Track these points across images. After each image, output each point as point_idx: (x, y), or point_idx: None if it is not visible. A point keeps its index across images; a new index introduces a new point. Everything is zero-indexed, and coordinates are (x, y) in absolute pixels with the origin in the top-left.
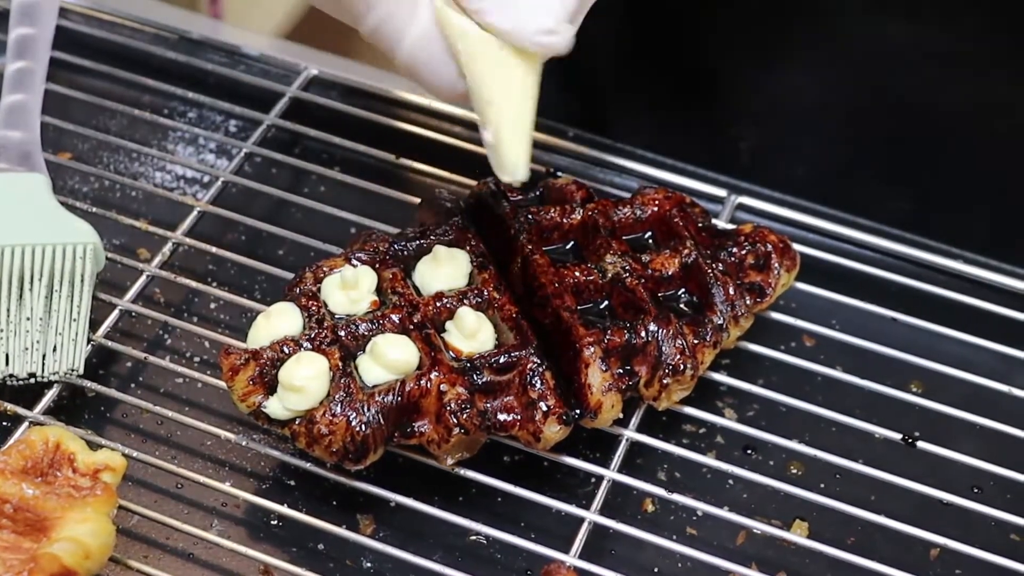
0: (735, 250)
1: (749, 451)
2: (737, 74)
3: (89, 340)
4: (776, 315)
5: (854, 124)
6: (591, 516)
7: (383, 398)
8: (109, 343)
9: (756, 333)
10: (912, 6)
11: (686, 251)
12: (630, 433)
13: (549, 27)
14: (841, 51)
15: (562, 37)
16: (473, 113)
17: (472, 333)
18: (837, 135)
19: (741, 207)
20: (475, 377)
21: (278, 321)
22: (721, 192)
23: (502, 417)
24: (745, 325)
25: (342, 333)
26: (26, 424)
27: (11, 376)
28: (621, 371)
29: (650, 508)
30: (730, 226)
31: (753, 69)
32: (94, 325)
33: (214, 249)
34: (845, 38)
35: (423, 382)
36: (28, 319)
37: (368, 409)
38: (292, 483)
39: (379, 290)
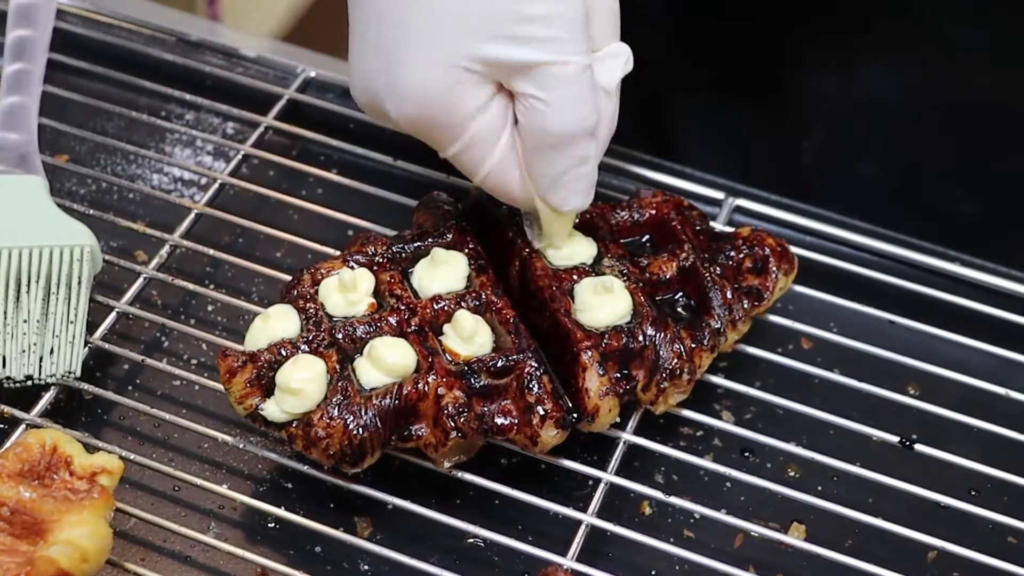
0: (733, 254)
1: (747, 454)
2: (800, 74)
3: (86, 342)
4: (774, 318)
5: (925, 126)
6: (588, 519)
7: (380, 401)
8: (106, 345)
9: (754, 336)
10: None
11: (684, 255)
12: (627, 436)
13: (583, 206)
14: (913, 52)
15: (588, 205)
16: None
17: (470, 336)
18: (907, 136)
19: (739, 209)
20: (473, 380)
21: (276, 323)
22: (719, 195)
23: (499, 421)
24: (743, 329)
25: (340, 336)
26: (23, 427)
27: (8, 379)
28: (618, 375)
29: (647, 511)
30: (728, 229)
31: (819, 69)
32: (91, 327)
33: (211, 251)
34: (919, 39)
35: (421, 385)
36: (25, 321)
37: (365, 412)
38: (289, 486)
39: (377, 292)
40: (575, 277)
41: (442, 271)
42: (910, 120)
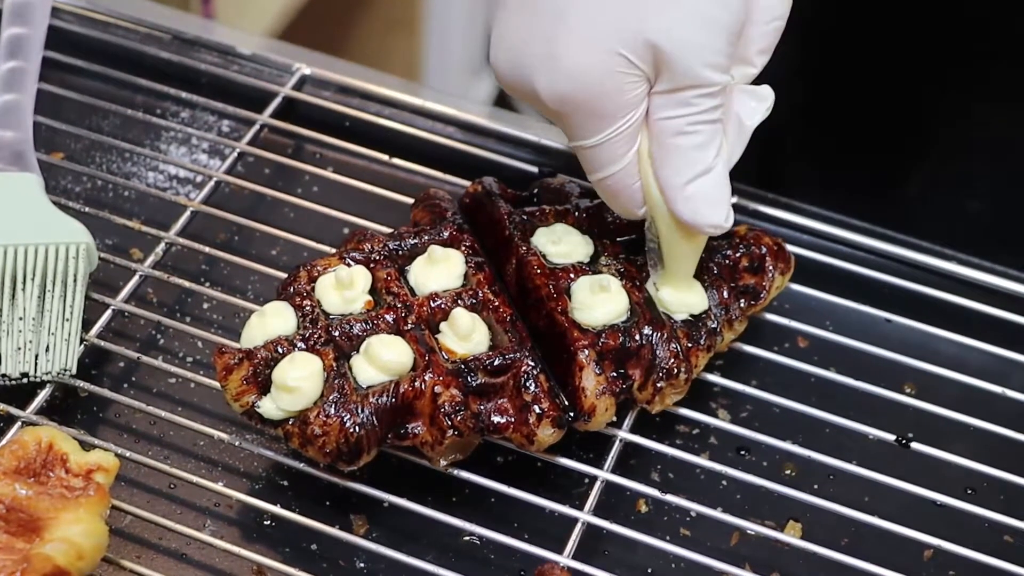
0: (729, 252)
1: (743, 452)
2: (914, 103)
3: (82, 340)
4: (770, 316)
5: None
6: (585, 517)
7: (377, 399)
8: (102, 343)
9: (750, 334)
10: None
11: None
12: (624, 434)
13: (718, 224)
14: None
15: (724, 229)
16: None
17: (466, 334)
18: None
19: (735, 208)
20: (469, 379)
21: (272, 320)
22: None
23: (496, 419)
24: (739, 328)
25: (336, 333)
26: (19, 424)
27: (4, 376)
28: (615, 374)
29: (644, 509)
30: None
31: (934, 97)
32: (87, 325)
33: (207, 249)
34: None
35: (417, 383)
36: (21, 319)
37: (362, 410)
38: (285, 483)
39: (373, 290)
40: (572, 275)
41: (439, 269)
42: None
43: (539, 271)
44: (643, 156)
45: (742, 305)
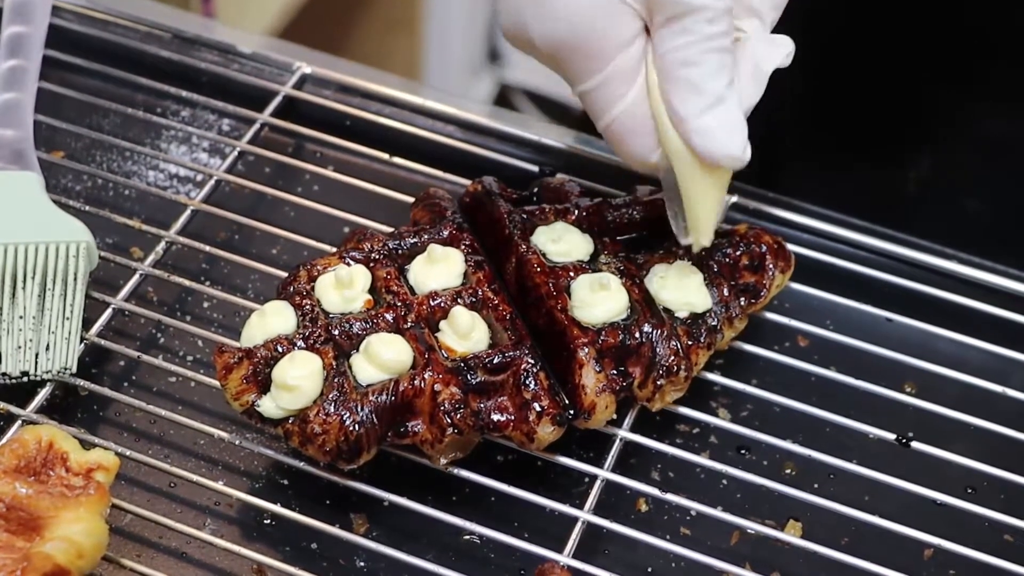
0: (730, 251)
1: (743, 451)
2: (914, 101)
3: (82, 339)
4: (770, 315)
5: None
6: (585, 516)
7: (377, 398)
8: (102, 342)
9: (750, 333)
10: None
11: (680, 252)
12: (624, 433)
13: (735, 155)
14: None
15: (741, 163)
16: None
17: (466, 333)
18: (1018, 173)
19: (735, 207)
20: (469, 377)
21: (272, 319)
22: None
23: (496, 417)
24: (739, 326)
25: (336, 332)
26: (19, 423)
27: (4, 375)
28: (615, 372)
29: (644, 508)
30: (725, 226)
31: (933, 96)
32: (87, 324)
33: (207, 248)
34: None
35: (417, 382)
36: (21, 317)
37: (362, 409)
38: (285, 482)
39: (373, 289)
40: (572, 274)
41: (438, 268)
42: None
43: (539, 269)
44: (655, 96)
45: (742, 303)
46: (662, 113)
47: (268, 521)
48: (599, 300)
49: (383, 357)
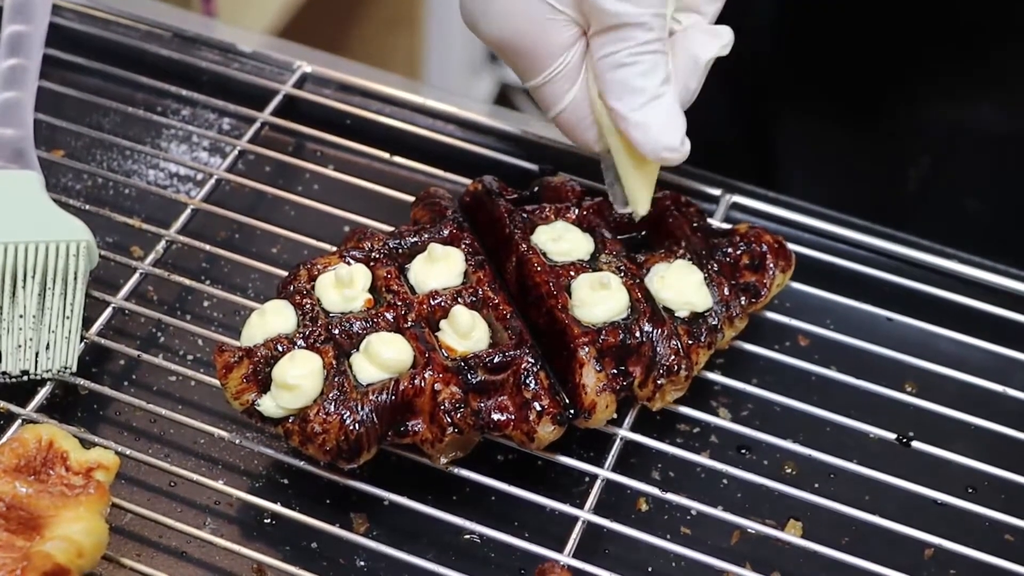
0: (730, 250)
1: (743, 451)
2: (914, 100)
3: (82, 338)
4: (771, 315)
5: None
6: (585, 515)
7: (377, 397)
8: (102, 341)
9: (750, 333)
10: None
11: (681, 251)
12: (624, 432)
13: (673, 146)
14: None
15: (680, 155)
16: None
17: (466, 332)
18: (1018, 174)
19: (736, 206)
20: (469, 376)
21: (272, 319)
22: (715, 191)
23: (496, 417)
24: (740, 326)
25: (336, 331)
26: (19, 422)
27: (4, 374)
28: (615, 372)
29: (644, 507)
30: (725, 225)
31: (933, 94)
32: (87, 323)
33: (207, 247)
34: None
35: (417, 381)
36: (21, 316)
37: (362, 408)
38: (285, 481)
39: (373, 288)
40: (572, 273)
41: (439, 267)
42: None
43: (539, 269)
44: (595, 95)
45: (743, 302)
46: (603, 113)
47: (268, 520)
48: (599, 299)
49: (383, 356)
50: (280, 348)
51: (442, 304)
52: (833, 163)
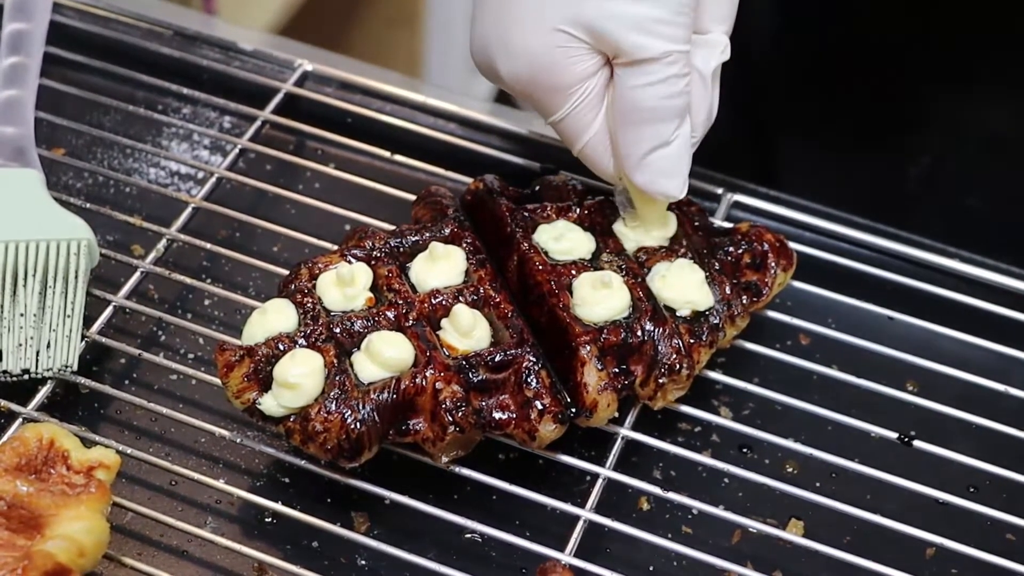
0: (731, 249)
1: (745, 450)
2: (913, 98)
3: (83, 336)
4: (772, 314)
5: None
6: (586, 514)
7: (378, 395)
8: (103, 339)
9: (752, 332)
10: None
11: (682, 250)
12: (625, 431)
13: (672, 194)
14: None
15: (680, 196)
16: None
17: (468, 331)
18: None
19: (737, 205)
20: (471, 375)
21: (273, 317)
22: (717, 190)
23: (497, 415)
24: (741, 324)
25: (337, 330)
26: (20, 421)
27: (5, 372)
28: (617, 370)
29: (646, 506)
30: (726, 224)
31: (933, 93)
32: (88, 321)
33: (208, 245)
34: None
35: (418, 380)
36: (22, 315)
37: (363, 406)
38: (286, 480)
39: (375, 287)
40: (573, 272)
41: (440, 266)
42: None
43: (541, 267)
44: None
45: (744, 301)
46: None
47: (269, 519)
48: (601, 298)
49: (384, 355)
50: (281, 347)
51: (443, 303)
52: (833, 162)
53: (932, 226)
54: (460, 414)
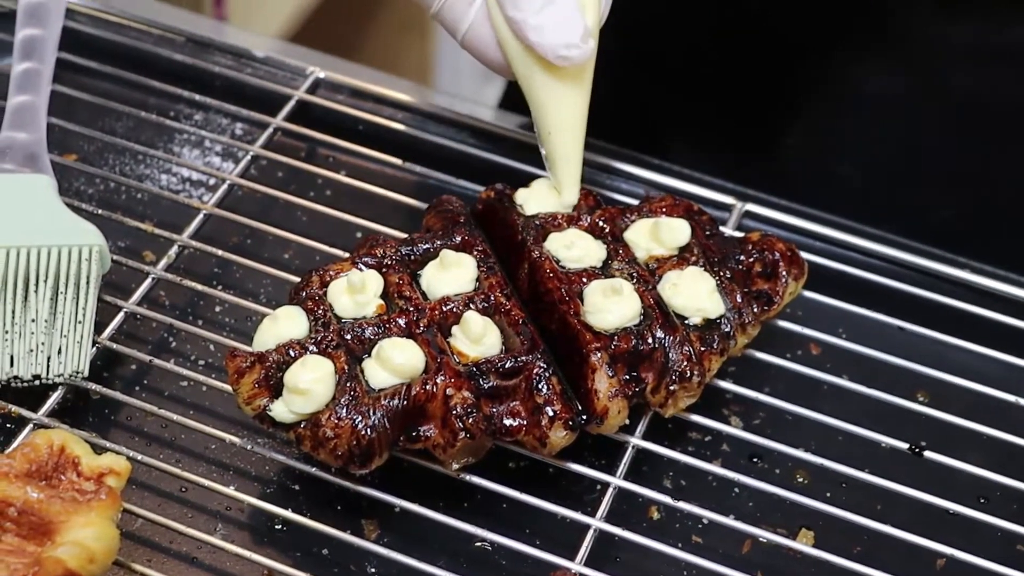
0: (743, 258)
1: (755, 459)
2: (786, 71)
3: (94, 342)
4: (783, 323)
5: (913, 125)
6: (597, 523)
7: (389, 402)
8: (114, 346)
9: (763, 341)
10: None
11: (693, 259)
12: (636, 440)
13: (572, 42)
14: (903, 50)
15: (581, 51)
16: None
17: (478, 338)
18: (893, 136)
19: (748, 215)
20: (481, 382)
21: (284, 324)
22: (728, 199)
23: (508, 422)
24: (752, 333)
25: (348, 337)
26: (31, 426)
27: (16, 378)
28: (628, 377)
29: (656, 516)
30: (738, 234)
31: (807, 66)
32: (99, 327)
33: (220, 252)
34: (908, 37)
35: (429, 386)
36: (33, 321)
37: (373, 413)
38: (296, 487)
39: (385, 294)
40: (584, 279)
41: (451, 273)
42: (897, 119)
43: (552, 275)
44: (493, 10)
45: (755, 310)
46: (500, 25)
47: (279, 526)
48: (612, 305)
49: (395, 361)
50: (292, 353)
51: (454, 310)
52: (713, 134)
53: (810, 195)
54: (471, 420)
